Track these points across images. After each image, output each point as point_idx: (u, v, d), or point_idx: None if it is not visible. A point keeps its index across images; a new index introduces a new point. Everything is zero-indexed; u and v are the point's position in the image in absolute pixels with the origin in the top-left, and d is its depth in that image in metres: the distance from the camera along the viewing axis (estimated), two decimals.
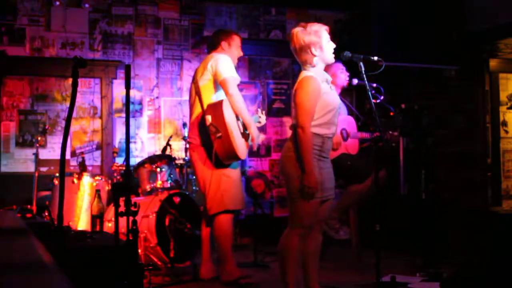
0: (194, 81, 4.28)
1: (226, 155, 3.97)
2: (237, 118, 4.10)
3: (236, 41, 4.35)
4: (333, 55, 3.37)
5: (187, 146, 4.85)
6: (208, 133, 4.00)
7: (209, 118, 3.96)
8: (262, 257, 4.97)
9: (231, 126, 3.95)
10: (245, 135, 4.17)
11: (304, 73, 3.29)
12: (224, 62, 4.10)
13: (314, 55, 3.26)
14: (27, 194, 5.18)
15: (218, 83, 4.09)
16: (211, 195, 4.13)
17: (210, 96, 4.15)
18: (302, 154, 3.15)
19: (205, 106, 4.12)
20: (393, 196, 5.50)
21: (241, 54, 4.40)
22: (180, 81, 6.36)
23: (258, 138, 4.16)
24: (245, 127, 4.16)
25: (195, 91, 4.24)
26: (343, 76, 4.79)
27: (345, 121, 4.82)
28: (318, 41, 3.25)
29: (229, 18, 6.61)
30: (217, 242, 4.15)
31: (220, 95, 4.13)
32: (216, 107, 3.98)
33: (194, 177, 5.12)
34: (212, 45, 4.39)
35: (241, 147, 4.03)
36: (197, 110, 4.21)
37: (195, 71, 4.35)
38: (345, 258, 5.07)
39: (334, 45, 3.36)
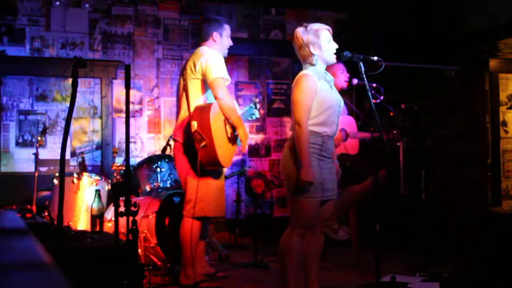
0: (183, 76, 4.09)
1: (209, 162, 3.84)
2: (225, 122, 3.96)
3: (226, 30, 4.18)
4: (335, 56, 3.39)
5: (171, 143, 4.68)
6: (191, 138, 3.86)
7: (194, 125, 3.81)
8: (262, 257, 4.97)
9: (217, 133, 3.81)
10: (234, 139, 4.02)
11: (301, 72, 3.35)
12: (215, 62, 3.92)
13: (313, 54, 3.31)
14: (27, 194, 5.18)
15: (207, 84, 3.94)
16: (189, 197, 3.99)
17: (197, 97, 3.99)
18: (299, 149, 3.18)
19: (191, 107, 3.96)
20: (393, 196, 5.50)
21: (231, 43, 4.22)
22: None
23: (247, 139, 4.03)
24: (234, 128, 4.01)
25: (183, 88, 4.06)
26: (343, 77, 4.79)
27: (345, 121, 4.82)
28: (316, 40, 3.31)
29: (229, 18, 6.61)
30: (182, 245, 3.99)
31: (210, 96, 3.99)
32: (203, 113, 3.83)
33: None
34: (203, 36, 4.18)
35: (226, 155, 3.90)
36: (184, 109, 4.04)
37: (184, 65, 4.16)
38: (345, 258, 5.07)
39: (336, 46, 3.38)
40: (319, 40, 3.31)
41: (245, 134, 3.96)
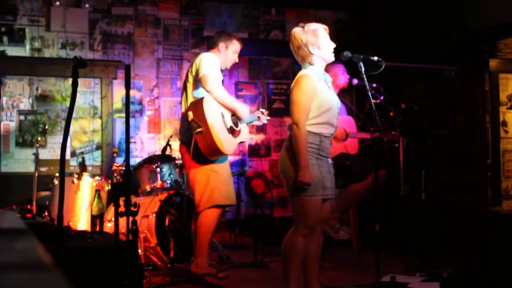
0: (184, 81, 4.32)
1: (209, 150, 3.96)
2: (223, 115, 4.09)
3: (234, 46, 4.34)
4: (333, 55, 3.38)
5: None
6: (189, 129, 4.00)
7: (190, 114, 3.97)
8: (262, 257, 4.97)
9: (213, 121, 3.95)
10: (235, 131, 4.15)
11: (300, 72, 3.34)
12: (207, 60, 4.10)
13: (312, 54, 3.30)
14: (27, 194, 5.18)
15: (199, 80, 4.11)
16: (199, 191, 4.11)
17: (192, 92, 4.18)
18: (297, 150, 3.18)
19: (188, 104, 4.15)
20: (393, 196, 5.50)
21: (237, 60, 4.40)
22: (180, 81, 6.37)
23: (247, 115, 4.23)
24: (235, 123, 4.17)
25: (185, 90, 4.27)
26: (343, 78, 4.80)
27: (345, 121, 4.83)
28: (315, 40, 3.29)
29: (229, 18, 6.61)
30: (197, 234, 4.12)
31: (200, 92, 4.14)
32: (197, 104, 4.00)
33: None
34: (211, 44, 4.42)
35: (225, 142, 4.00)
36: (183, 108, 4.25)
37: (187, 71, 4.35)
38: (345, 258, 5.07)
39: (334, 45, 3.37)
40: (318, 40, 3.30)
41: (243, 110, 4.19)
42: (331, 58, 3.38)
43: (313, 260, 3.44)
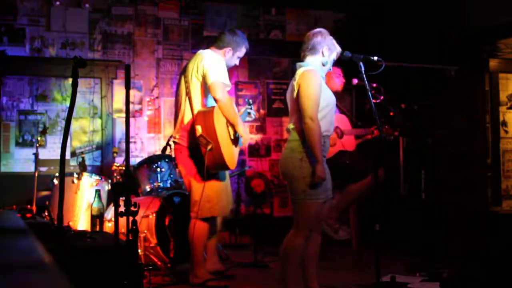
0: (185, 77, 4.10)
1: (215, 165, 3.89)
2: (227, 125, 4.00)
3: (241, 52, 4.23)
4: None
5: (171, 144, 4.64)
6: (196, 141, 3.89)
7: (199, 129, 3.85)
8: (262, 257, 4.97)
9: (222, 137, 3.86)
10: (236, 140, 4.07)
11: (304, 68, 3.37)
12: (216, 66, 3.96)
13: (321, 52, 3.40)
14: (27, 194, 5.18)
15: (207, 87, 3.98)
16: (195, 199, 4.02)
17: (199, 99, 4.03)
18: (313, 143, 3.16)
19: (195, 110, 4.00)
20: (393, 196, 5.50)
21: (237, 64, 4.31)
22: None
23: (248, 138, 4.09)
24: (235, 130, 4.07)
25: (186, 90, 4.08)
26: (337, 81, 4.81)
27: (339, 119, 4.83)
28: (332, 50, 3.43)
29: (229, 18, 6.61)
30: (191, 245, 4.05)
31: (211, 99, 4.03)
32: (206, 117, 3.87)
33: None
34: (218, 42, 4.20)
35: (231, 157, 3.95)
36: (187, 112, 4.07)
37: (186, 66, 4.17)
38: (345, 258, 5.07)
39: (331, 69, 3.57)
40: (332, 53, 3.42)
41: (244, 131, 4.03)
42: (323, 74, 3.47)
43: (311, 260, 3.44)
